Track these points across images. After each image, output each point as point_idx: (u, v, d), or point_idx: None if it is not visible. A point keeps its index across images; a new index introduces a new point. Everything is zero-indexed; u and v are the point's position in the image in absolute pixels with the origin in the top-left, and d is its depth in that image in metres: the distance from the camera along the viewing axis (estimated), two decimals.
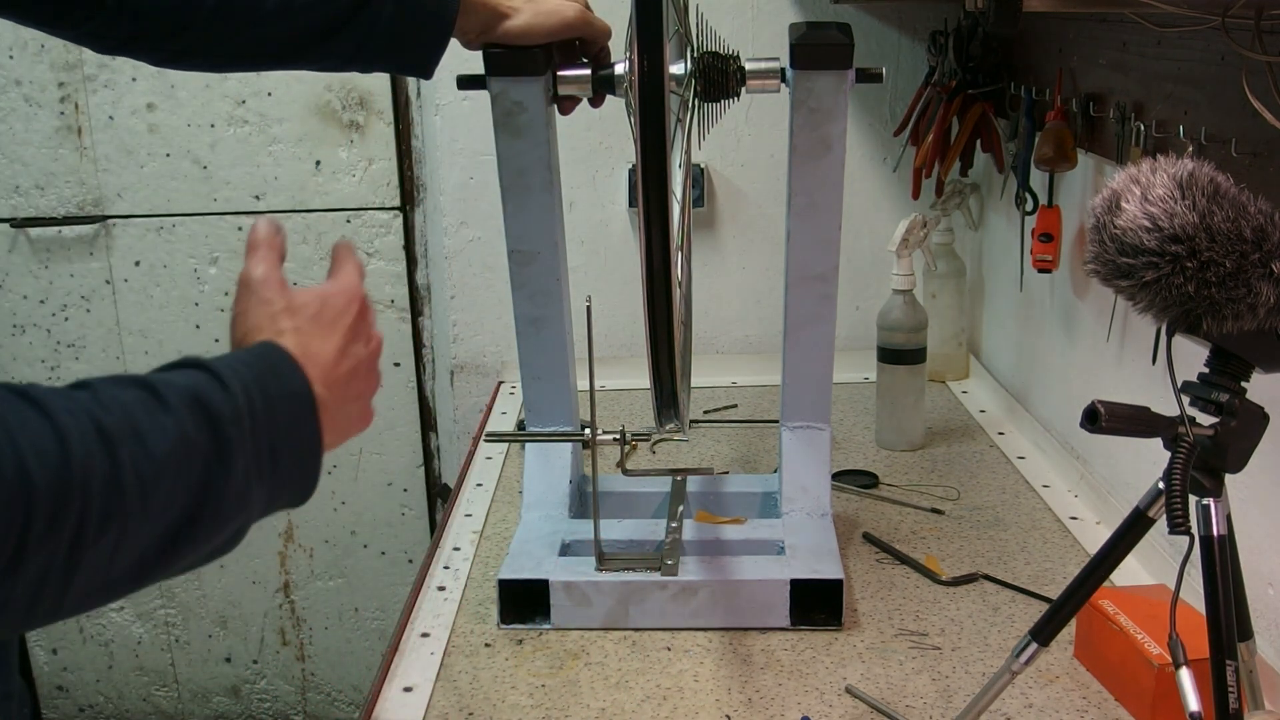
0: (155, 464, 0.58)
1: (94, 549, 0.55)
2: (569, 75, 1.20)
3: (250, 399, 0.64)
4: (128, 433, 0.57)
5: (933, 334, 1.73)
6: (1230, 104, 1.10)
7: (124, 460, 0.56)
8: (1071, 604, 0.89)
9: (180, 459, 0.59)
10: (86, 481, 0.54)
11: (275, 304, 0.73)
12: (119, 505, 0.56)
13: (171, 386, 0.61)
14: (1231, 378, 0.81)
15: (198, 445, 0.60)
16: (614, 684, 1.11)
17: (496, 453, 1.67)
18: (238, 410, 0.63)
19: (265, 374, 0.66)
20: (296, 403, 0.68)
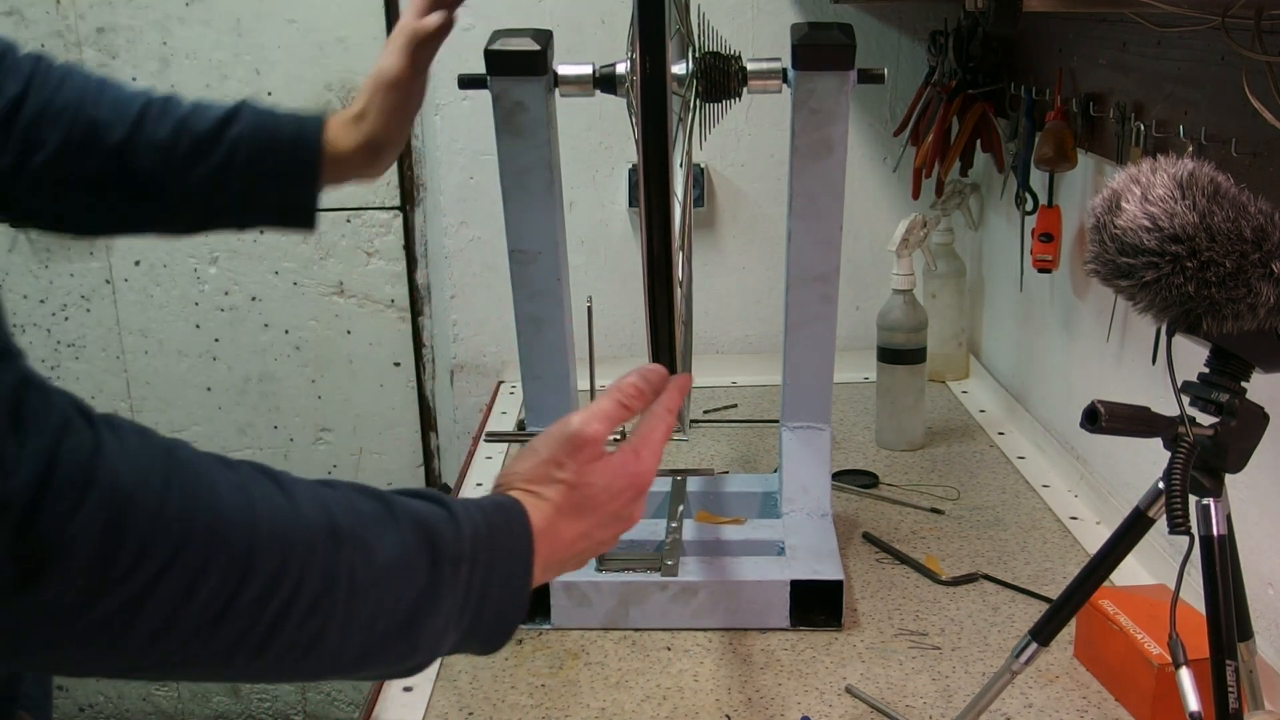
0: (373, 575, 0.59)
1: (287, 635, 0.56)
2: (570, 75, 1.20)
3: (475, 551, 0.65)
4: (356, 538, 0.59)
5: (933, 334, 1.73)
6: (1230, 104, 1.10)
7: (343, 561, 0.58)
8: (1071, 604, 0.89)
9: (396, 579, 0.60)
10: (305, 567, 0.56)
11: (564, 471, 0.73)
12: (327, 600, 0.57)
13: (407, 511, 0.63)
14: (1231, 378, 0.81)
15: (415, 574, 0.61)
16: (614, 684, 1.11)
17: (496, 453, 1.67)
18: (459, 556, 0.64)
19: (498, 533, 0.67)
20: (514, 575, 0.68)
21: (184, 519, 0.51)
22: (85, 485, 0.48)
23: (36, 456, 0.47)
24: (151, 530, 0.50)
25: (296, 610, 0.56)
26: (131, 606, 0.50)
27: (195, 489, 0.53)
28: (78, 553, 0.48)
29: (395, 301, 2.10)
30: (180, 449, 0.55)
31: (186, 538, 0.51)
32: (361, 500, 0.62)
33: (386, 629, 0.60)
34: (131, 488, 0.50)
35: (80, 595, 0.48)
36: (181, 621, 0.52)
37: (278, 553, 0.55)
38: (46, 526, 0.47)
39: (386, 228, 2.07)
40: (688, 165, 1.14)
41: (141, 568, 0.50)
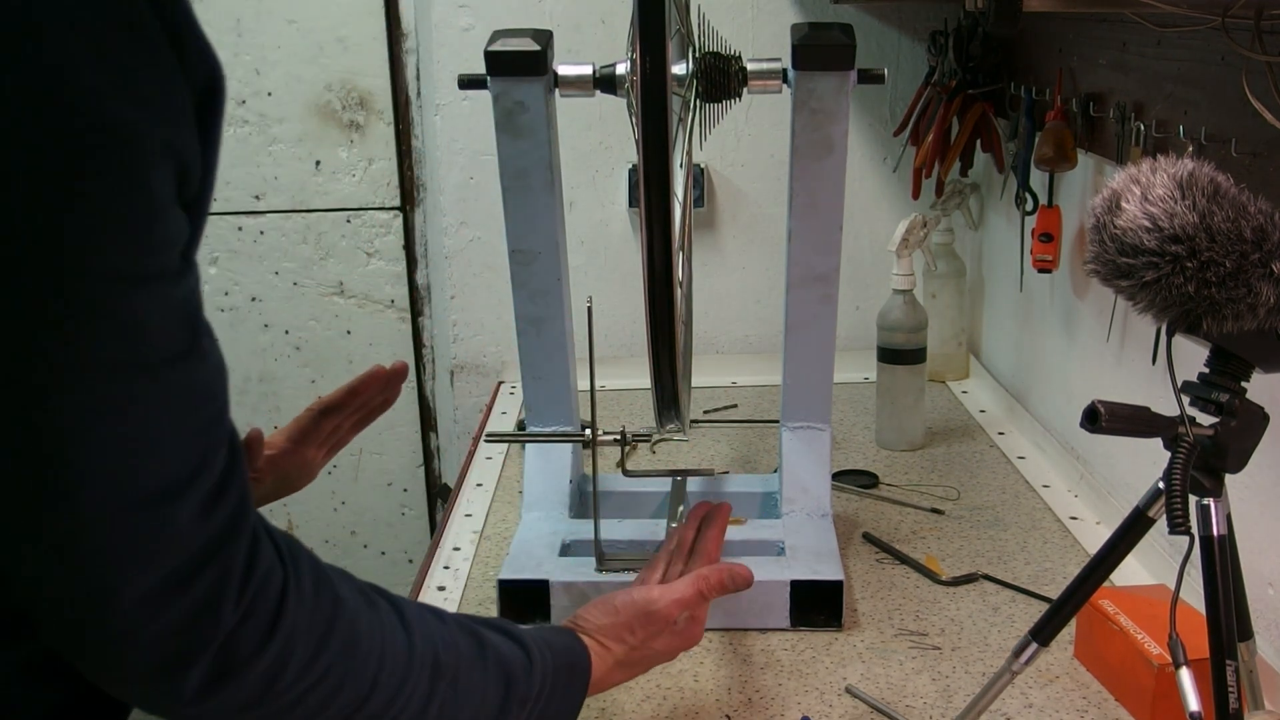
0: (457, 706, 0.74)
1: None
2: (570, 75, 1.20)
3: (542, 690, 0.81)
4: (451, 674, 0.74)
5: (933, 334, 1.73)
6: (1230, 104, 1.10)
7: (438, 694, 0.72)
8: (1071, 604, 0.89)
9: (473, 709, 0.76)
10: (411, 697, 0.71)
11: (634, 637, 0.91)
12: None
13: (495, 654, 0.78)
14: (1231, 378, 0.81)
15: (489, 706, 0.77)
16: None
17: (496, 453, 1.67)
18: (526, 695, 0.79)
19: (561, 679, 0.84)
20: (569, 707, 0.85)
21: (332, 659, 0.65)
22: (271, 627, 0.61)
23: (245, 597, 0.60)
24: (308, 663, 0.64)
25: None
26: (277, 714, 0.64)
27: (347, 635, 0.66)
28: (252, 673, 0.61)
29: (395, 302, 2.10)
30: (344, 598, 0.68)
31: (330, 671, 0.65)
32: (461, 638, 0.76)
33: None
34: (302, 634, 0.63)
35: (243, 702, 0.61)
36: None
37: (394, 682, 0.69)
38: (238, 651, 0.60)
39: (386, 228, 2.07)
40: (688, 165, 1.14)
41: (294, 688, 0.63)
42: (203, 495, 0.58)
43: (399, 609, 0.73)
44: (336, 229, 2.06)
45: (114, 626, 0.56)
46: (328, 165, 2.04)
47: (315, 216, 2.07)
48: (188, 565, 0.57)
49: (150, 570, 0.56)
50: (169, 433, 0.56)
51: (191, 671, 0.58)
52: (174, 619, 0.57)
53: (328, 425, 1.13)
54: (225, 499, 0.59)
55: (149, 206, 0.53)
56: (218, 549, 0.58)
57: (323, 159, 2.04)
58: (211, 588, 0.58)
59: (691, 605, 0.93)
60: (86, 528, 0.55)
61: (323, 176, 2.05)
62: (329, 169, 2.05)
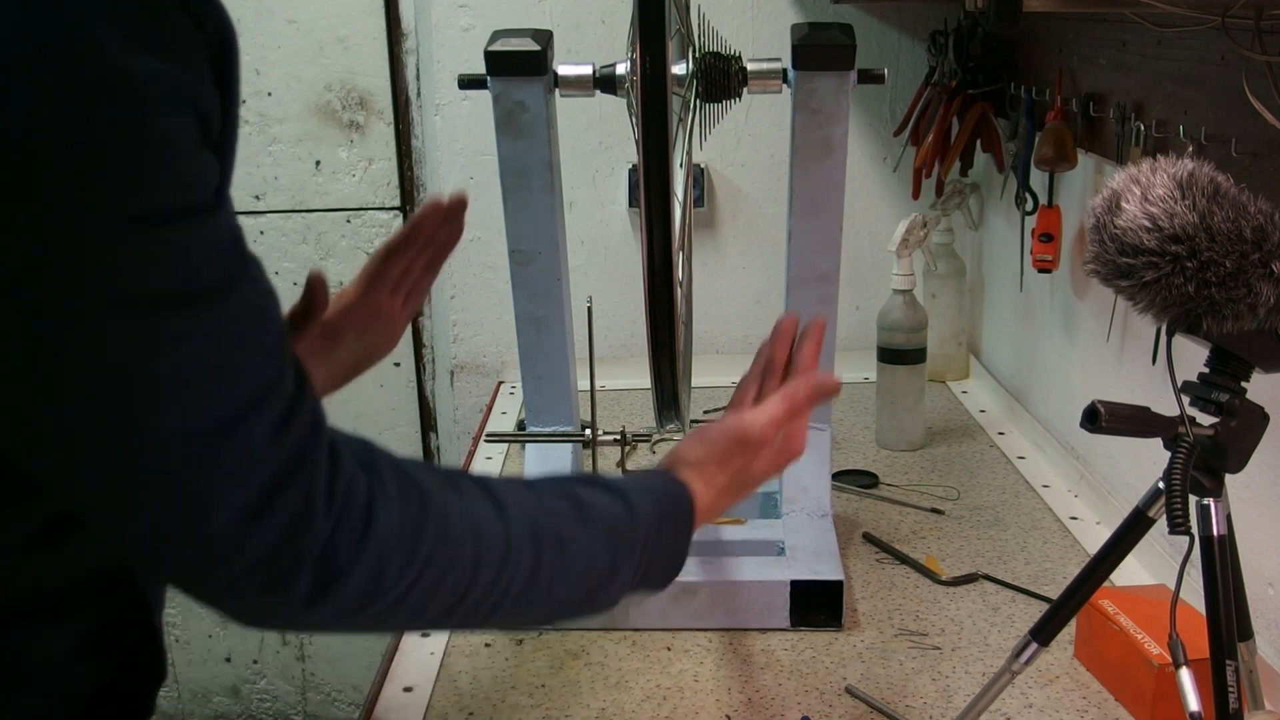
0: (565, 568, 0.75)
1: (499, 615, 0.72)
2: (570, 75, 1.20)
3: (648, 537, 0.80)
4: (553, 543, 0.74)
5: (933, 334, 1.73)
6: (1230, 104, 1.10)
7: (544, 563, 0.73)
8: (1071, 604, 0.89)
9: (584, 566, 0.76)
10: (515, 571, 0.71)
11: (734, 463, 0.89)
12: (531, 592, 0.73)
13: (594, 510, 0.78)
14: (1231, 378, 0.81)
15: (599, 560, 0.77)
16: (614, 684, 1.11)
17: (496, 453, 1.67)
18: (634, 541, 0.79)
19: (666, 519, 0.83)
20: (677, 547, 0.84)
21: (429, 550, 0.66)
22: (364, 530, 0.63)
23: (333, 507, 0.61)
24: (407, 559, 0.65)
25: (507, 599, 0.71)
26: (387, 610, 0.65)
27: (439, 524, 0.67)
28: (354, 577, 0.62)
29: None
30: (429, 490, 0.68)
31: (430, 562, 0.66)
32: (557, 502, 0.76)
33: (574, 600, 0.77)
34: (395, 532, 0.64)
35: (351, 606, 0.63)
36: (427, 612, 0.68)
37: (495, 559, 0.70)
38: (336, 558, 0.61)
39: (387, 228, 2.07)
40: (688, 165, 1.14)
41: (398, 584, 0.65)
42: (276, 415, 0.59)
43: (487, 488, 0.73)
44: (336, 229, 2.06)
45: (212, 553, 0.58)
46: (328, 165, 2.04)
47: (315, 216, 2.07)
48: (272, 484, 0.58)
49: (236, 493, 0.57)
50: (234, 357, 0.58)
51: (295, 585, 0.60)
52: (268, 537, 0.59)
53: (395, 268, 1.10)
54: (299, 416, 0.61)
55: (168, 149, 0.55)
56: (299, 464, 0.60)
57: (323, 159, 2.04)
58: (299, 501, 0.59)
59: (785, 423, 0.90)
60: (167, 460, 0.56)
61: (323, 176, 2.05)
62: (329, 169, 2.05)
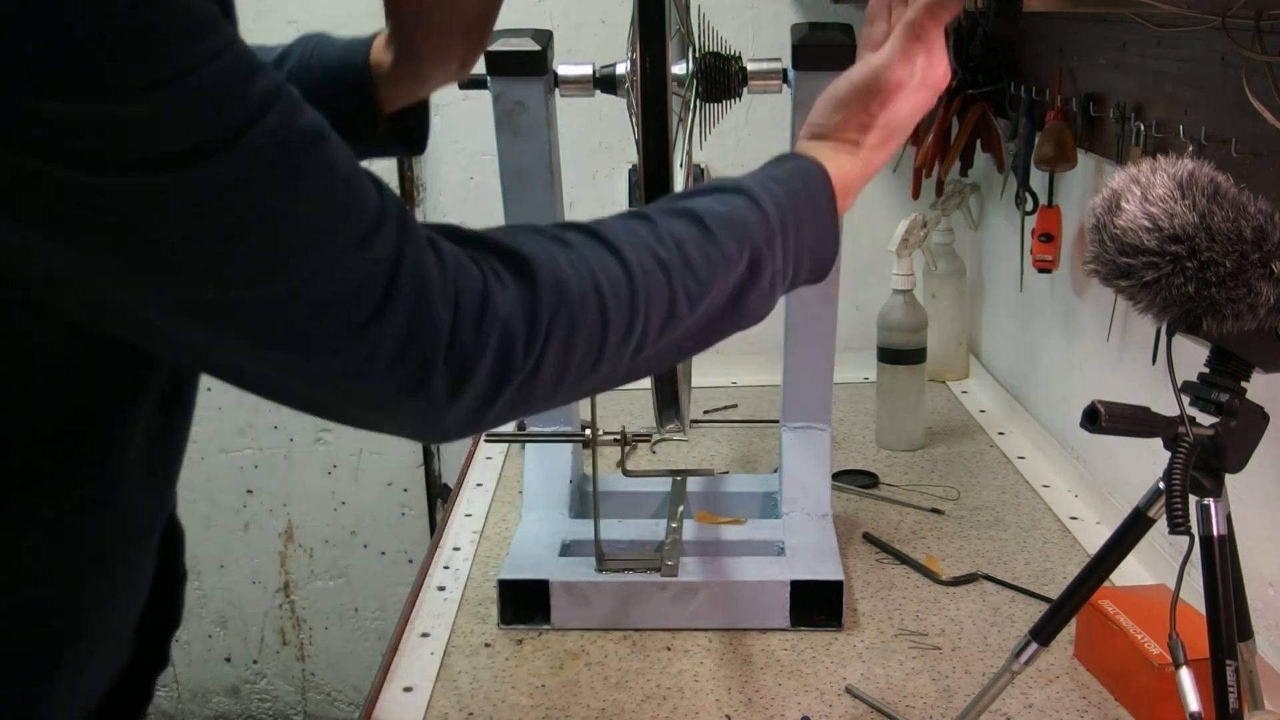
0: (701, 285, 0.71)
1: (647, 352, 0.70)
2: (570, 75, 1.20)
3: (784, 223, 0.75)
4: (680, 262, 0.70)
5: (933, 334, 1.73)
6: (1230, 104, 1.10)
7: (677, 286, 0.70)
8: (1071, 604, 0.89)
9: (721, 276, 0.72)
10: (649, 306, 0.69)
11: (875, 119, 0.82)
12: (672, 321, 0.70)
13: (715, 216, 0.73)
14: (1231, 378, 0.81)
15: (735, 264, 0.73)
16: (614, 684, 1.11)
17: (496, 453, 1.67)
18: (770, 234, 0.74)
19: (803, 201, 0.78)
20: (823, 225, 0.79)
21: (550, 314, 0.64)
22: (482, 311, 0.62)
23: (446, 297, 0.61)
24: (530, 330, 0.63)
25: (650, 337, 0.69)
26: (527, 384, 0.64)
27: (553, 284, 0.65)
28: (486, 360, 0.62)
29: None
30: (533, 255, 0.66)
31: (552, 324, 0.64)
32: (675, 224, 0.73)
33: (721, 311, 0.73)
34: (513, 306, 0.63)
35: (490, 388, 0.63)
36: (567, 376, 0.66)
37: (624, 303, 0.67)
38: (464, 345, 0.61)
39: None
40: (688, 165, 1.14)
41: (529, 356, 0.63)
42: (362, 228, 0.58)
43: (594, 233, 0.71)
44: None
45: (346, 366, 0.59)
46: None
47: None
48: (379, 291, 0.58)
49: (346, 310, 0.58)
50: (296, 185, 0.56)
51: (434, 381, 0.60)
52: (395, 340, 0.59)
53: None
54: (386, 221, 0.60)
55: None
56: (397, 268, 0.59)
57: None
58: (414, 298, 0.59)
59: (916, 53, 0.81)
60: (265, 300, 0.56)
61: None
62: None
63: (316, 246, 0.57)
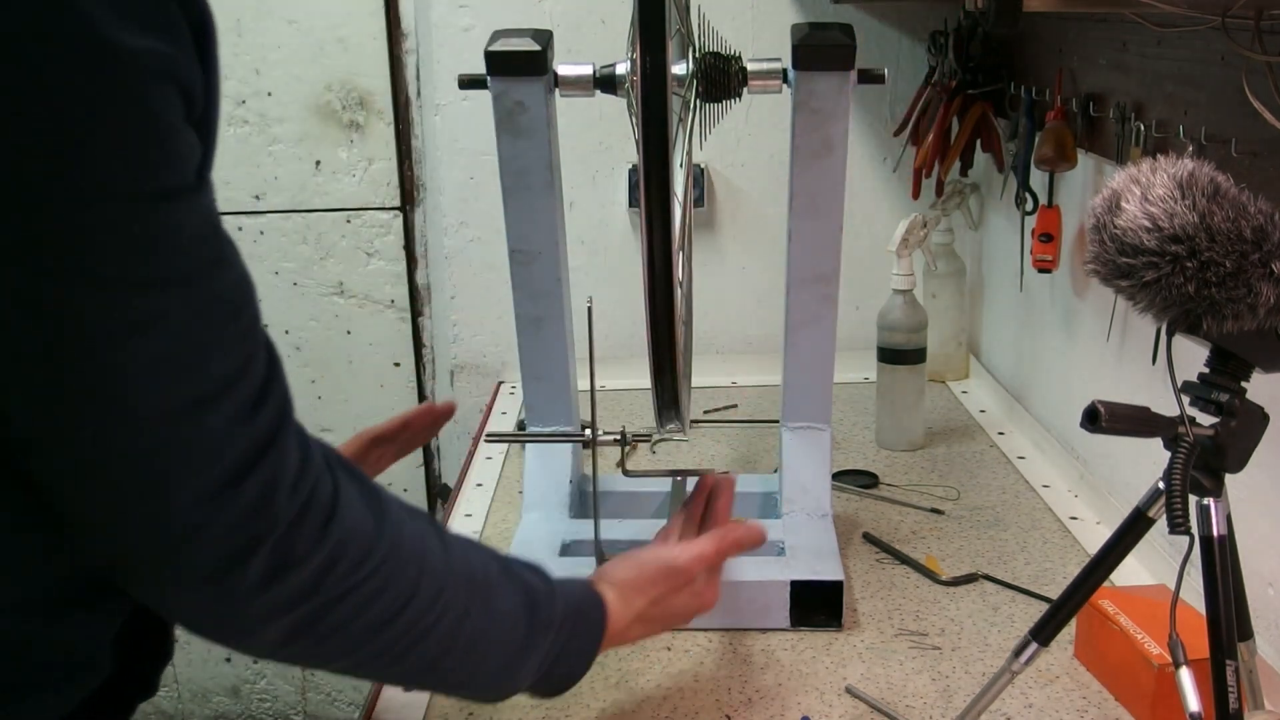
0: (491, 618, 0.77)
1: (427, 648, 0.73)
2: (570, 75, 1.20)
3: (563, 621, 0.83)
4: (484, 592, 0.76)
5: (933, 334, 1.73)
6: (1230, 104, 1.10)
7: (473, 611, 0.75)
8: (1071, 604, 0.89)
9: (505, 627, 0.78)
10: (450, 599, 0.73)
11: (655, 590, 0.93)
12: (460, 629, 0.74)
13: (520, 578, 0.81)
14: (1231, 378, 0.81)
15: (518, 626, 0.79)
16: (614, 684, 1.11)
17: (496, 453, 1.67)
18: (549, 625, 0.81)
19: (580, 618, 0.86)
20: (584, 650, 0.87)
21: (381, 557, 0.68)
22: (326, 521, 0.64)
23: (299, 493, 0.63)
24: (360, 559, 0.66)
25: (437, 631, 0.72)
26: (329, 605, 0.65)
27: (393, 535, 0.69)
28: (308, 567, 0.63)
29: (395, 302, 2.10)
30: (387, 502, 0.70)
31: (379, 566, 0.67)
32: (491, 562, 0.79)
33: (491, 666, 0.78)
34: (353, 530, 0.66)
35: (299, 593, 0.64)
36: (359, 620, 0.68)
37: (435, 585, 0.72)
38: (295, 545, 0.62)
39: (386, 228, 2.07)
40: (688, 165, 1.14)
41: (345, 581, 0.66)
42: (247, 398, 0.60)
43: (434, 525, 0.76)
44: (336, 229, 2.06)
45: (173, 531, 0.59)
46: (328, 165, 2.04)
47: (315, 216, 2.07)
48: (239, 465, 0.59)
49: (202, 473, 0.58)
50: (208, 340, 0.58)
51: (250, 566, 0.60)
52: (231, 517, 0.59)
53: (374, 454, 1.15)
54: (269, 401, 0.61)
55: (157, 125, 0.55)
56: (267, 448, 0.60)
57: (323, 159, 2.04)
58: (264, 485, 0.60)
59: (711, 561, 0.96)
60: (137, 437, 0.57)
61: (322, 176, 2.05)
62: (329, 169, 2.05)
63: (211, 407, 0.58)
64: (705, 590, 0.97)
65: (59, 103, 0.52)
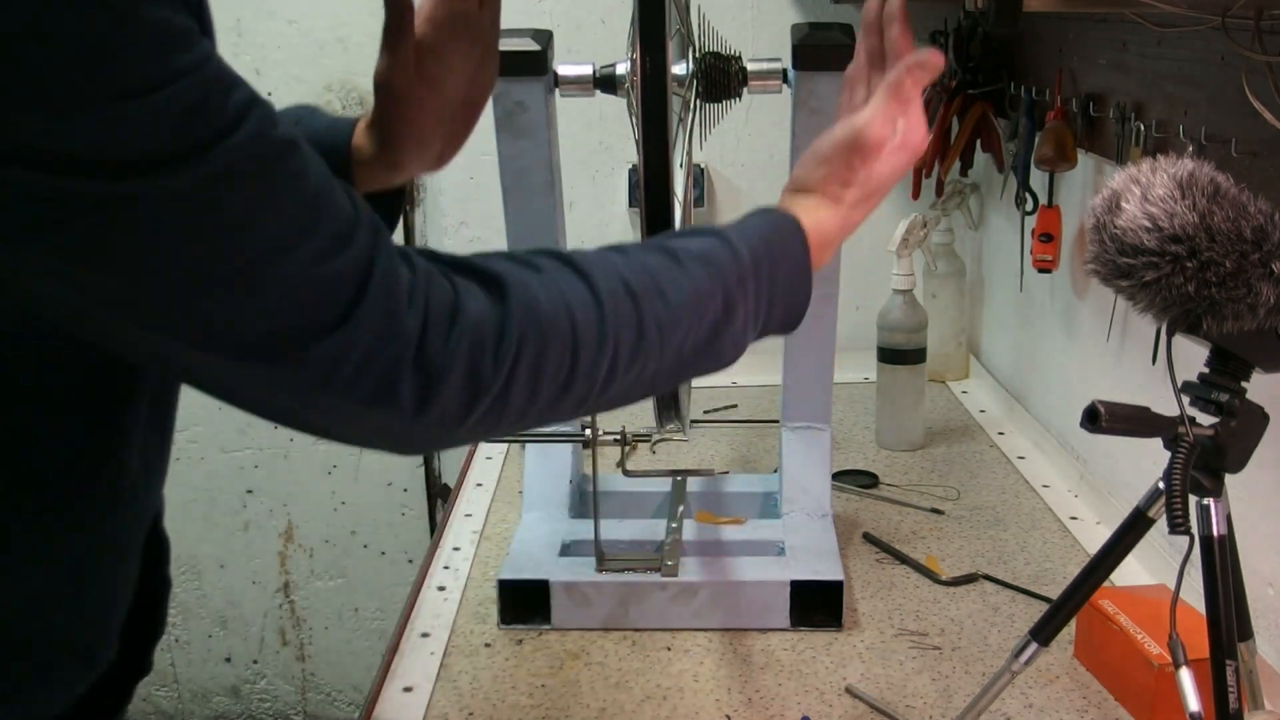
0: (673, 315, 0.71)
1: (620, 381, 0.70)
2: (570, 75, 1.20)
3: (757, 267, 0.76)
4: (652, 291, 0.71)
5: (933, 334, 1.73)
6: (1230, 104, 1.10)
7: (647, 314, 0.70)
8: (1071, 604, 0.89)
9: (693, 311, 0.72)
10: (619, 331, 0.69)
11: (855, 175, 0.84)
12: (642, 349, 0.70)
13: (688, 251, 0.74)
14: (1231, 378, 0.81)
15: (708, 300, 0.73)
16: (614, 684, 1.11)
17: (496, 453, 1.67)
18: (743, 275, 0.75)
19: (776, 247, 0.79)
20: (797, 274, 0.80)
21: (520, 331, 0.64)
22: (451, 323, 0.62)
23: (415, 308, 0.61)
24: (498, 346, 0.63)
25: (620, 363, 0.69)
26: (499, 402, 0.64)
27: (524, 303, 0.65)
28: (455, 372, 0.62)
29: None
30: (504, 274, 0.66)
31: (523, 342, 0.64)
32: (648, 256, 0.73)
33: (694, 348, 0.73)
34: (482, 321, 0.63)
35: (459, 403, 0.62)
36: (539, 398, 0.66)
37: (593, 326, 0.68)
38: (433, 355, 0.61)
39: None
40: (688, 165, 1.14)
41: (498, 373, 0.63)
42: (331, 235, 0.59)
43: (566, 259, 0.71)
44: None
45: (310, 378, 0.59)
46: None
47: None
48: (347, 299, 0.59)
49: (312, 315, 0.58)
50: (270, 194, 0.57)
51: (400, 389, 0.60)
52: (358, 351, 0.59)
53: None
54: (358, 231, 0.60)
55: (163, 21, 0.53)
56: (368, 276, 0.59)
57: None
58: (381, 309, 0.59)
59: (896, 113, 0.87)
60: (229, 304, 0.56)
61: None
62: None
63: (287, 255, 0.57)
64: (907, 138, 0.86)
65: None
